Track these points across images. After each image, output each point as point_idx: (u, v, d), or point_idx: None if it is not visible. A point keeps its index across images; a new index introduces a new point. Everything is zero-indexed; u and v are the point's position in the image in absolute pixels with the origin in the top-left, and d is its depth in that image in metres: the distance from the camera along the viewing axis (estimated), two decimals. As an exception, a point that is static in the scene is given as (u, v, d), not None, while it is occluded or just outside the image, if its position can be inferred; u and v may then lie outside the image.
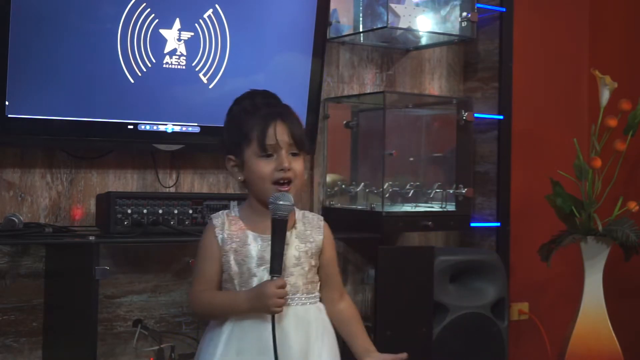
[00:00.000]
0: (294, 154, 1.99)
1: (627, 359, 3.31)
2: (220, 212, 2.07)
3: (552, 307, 3.74)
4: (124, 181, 2.92)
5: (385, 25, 3.11)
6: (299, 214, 2.07)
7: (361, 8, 3.27)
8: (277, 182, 1.97)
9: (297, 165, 1.99)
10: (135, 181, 2.94)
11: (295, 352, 1.95)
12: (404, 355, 2.03)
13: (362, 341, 2.09)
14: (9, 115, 2.55)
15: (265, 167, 1.97)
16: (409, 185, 3.21)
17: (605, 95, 3.36)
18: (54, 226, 2.67)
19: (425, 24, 3.24)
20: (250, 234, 2.00)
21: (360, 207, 3.20)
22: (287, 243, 1.97)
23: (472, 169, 3.44)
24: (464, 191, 3.21)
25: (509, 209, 3.55)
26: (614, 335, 3.30)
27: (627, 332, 3.43)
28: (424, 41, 3.43)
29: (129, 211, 2.63)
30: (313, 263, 2.04)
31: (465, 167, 3.30)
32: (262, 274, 1.97)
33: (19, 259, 2.72)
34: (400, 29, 3.19)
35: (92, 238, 2.47)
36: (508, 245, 3.54)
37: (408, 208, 3.17)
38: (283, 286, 1.91)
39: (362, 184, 3.22)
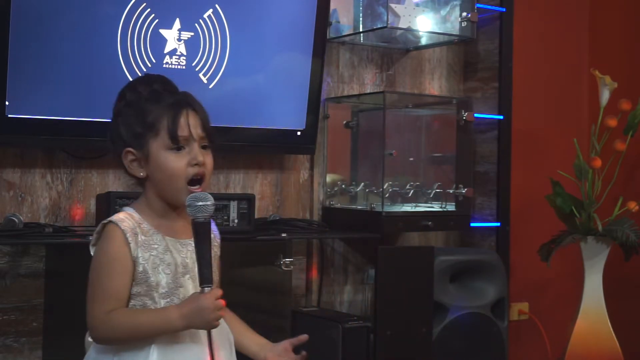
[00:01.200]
0: (204, 147, 1.79)
1: (627, 359, 3.31)
2: (122, 214, 1.78)
3: (552, 307, 3.73)
4: (124, 181, 2.92)
5: (385, 25, 3.11)
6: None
7: (361, 8, 3.27)
8: (190, 181, 1.76)
9: (209, 159, 1.80)
10: (135, 181, 2.93)
11: None
12: (304, 337, 1.88)
13: (252, 335, 1.93)
14: (9, 115, 2.55)
15: (176, 162, 1.75)
16: (409, 185, 3.21)
17: (605, 95, 3.36)
18: (54, 226, 2.67)
19: (425, 24, 3.24)
20: (168, 239, 1.78)
21: (360, 207, 3.20)
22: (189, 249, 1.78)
23: (472, 169, 3.44)
24: (464, 191, 3.22)
25: (509, 209, 3.55)
26: (614, 335, 3.30)
27: (627, 332, 3.43)
28: (424, 41, 3.43)
29: (129, 211, 2.63)
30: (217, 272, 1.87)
31: (465, 167, 3.30)
32: (187, 284, 1.78)
33: (19, 259, 2.72)
34: (400, 29, 3.19)
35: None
36: (508, 245, 3.54)
37: (408, 208, 3.17)
38: (220, 296, 1.71)
39: (362, 184, 3.22)
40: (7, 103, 2.54)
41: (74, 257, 2.58)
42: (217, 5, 2.86)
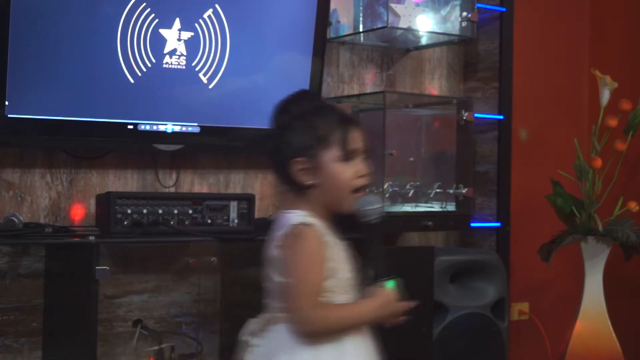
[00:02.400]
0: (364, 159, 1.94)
1: (627, 359, 3.31)
2: (308, 218, 1.88)
3: (552, 307, 3.73)
4: (124, 181, 2.92)
5: (385, 25, 3.11)
6: None
7: (361, 8, 3.27)
8: (354, 189, 1.90)
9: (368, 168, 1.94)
10: (135, 181, 2.94)
11: None
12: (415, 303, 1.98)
13: None
14: (9, 115, 2.55)
15: (346, 173, 1.88)
16: (409, 185, 3.21)
17: (605, 95, 3.36)
18: (54, 226, 2.67)
19: (425, 24, 3.24)
20: (336, 240, 1.91)
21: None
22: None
23: (472, 169, 3.44)
24: (464, 191, 3.21)
25: (509, 209, 3.55)
26: (614, 335, 3.30)
27: (627, 332, 3.43)
28: (424, 41, 3.43)
29: (129, 211, 2.63)
30: None
31: (465, 167, 3.30)
32: (351, 282, 1.91)
33: (19, 259, 2.72)
34: (400, 29, 3.19)
35: (92, 238, 2.47)
36: (508, 245, 3.54)
37: (408, 208, 3.17)
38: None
39: (362, 184, 3.21)
40: (7, 103, 2.54)
41: (74, 257, 2.58)
42: (217, 5, 2.86)
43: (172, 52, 2.80)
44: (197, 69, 2.85)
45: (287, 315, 1.85)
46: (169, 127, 2.83)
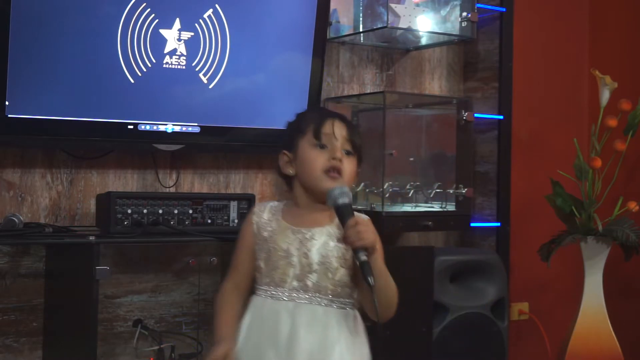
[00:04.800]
0: (347, 152, 1.99)
1: (627, 359, 3.31)
2: (273, 202, 2.10)
3: (552, 307, 3.73)
4: (124, 181, 2.92)
5: (385, 25, 3.11)
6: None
7: (361, 8, 3.27)
8: (327, 171, 1.96)
9: (349, 164, 1.99)
10: (135, 181, 2.94)
11: (302, 350, 1.91)
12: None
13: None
14: (9, 115, 2.55)
15: (318, 156, 1.97)
16: (409, 185, 3.21)
17: (605, 95, 3.36)
18: (54, 226, 2.67)
19: (425, 24, 3.24)
20: (284, 225, 2.00)
21: (360, 207, 3.20)
22: (314, 238, 1.96)
23: (472, 169, 3.44)
24: (464, 191, 3.21)
25: (509, 209, 3.55)
26: (614, 335, 3.30)
27: (627, 332, 3.43)
28: (424, 41, 3.43)
29: (129, 211, 2.63)
30: (345, 265, 1.97)
31: (465, 167, 3.30)
32: (285, 268, 1.96)
33: (19, 259, 2.72)
34: (400, 29, 3.19)
35: (92, 238, 2.47)
36: (508, 245, 3.54)
37: (408, 208, 3.17)
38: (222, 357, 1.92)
39: (362, 183, 3.22)
40: (7, 103, 2.54)
41: (74, 257, 2.58)
42: (217, 5, 2.86)
43: (172, 52, 2.80)
44: (197, 69, 2.85)
45: None
46: (169, 127, 2.84)
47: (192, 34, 2.83)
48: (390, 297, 1.93)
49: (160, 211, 2.68)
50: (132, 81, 2.74)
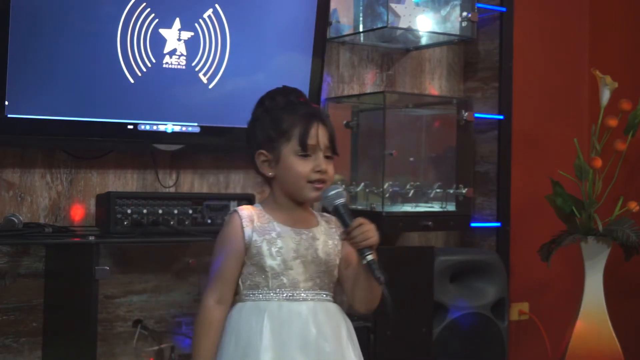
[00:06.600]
0: (327, 157, 1.99)
1: (627, 359, 3.31)
2: (244, 206, 2.03)
3: (552, 307, 3.73)
4: (124, 181, 2.92)
5: (385, 25, 3.11)
6: (317, 214, 2.07)
7: (361, 8, 3.27)
8: (311, 182, 1.96)
9: (331, 169, 1.99)
10: (135, 181, 2.94)
11: (329, 350, 1.92)
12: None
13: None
14: (9, 115, 2.55)
15: (303, 167, 1.95)
16: (409, 185, 3.21)
17: (605, 95, 3.35)
18: (54, 226, 2.67)
19: (425, 24, 3.24)
20: (284, 228, 1.97)
21: (360, 207, 3.20)
22: (316, 237, 1.98)
23: (472, 169, 3.44)
24: (464, 191, 3.22)
25: (509, 209, 3.55)
26: (614, 335, 3.29)
27: (628, 332, 3.43)
28: (424, 41, 3.43)
29: (129, 211, 2.63)
30: (337, 261, 2.02)
31: (465, 167, 3.30)
32: (297, 267, 1.95)
33: (19, 259, 2.72)
34: (401, 29, 3.19)
35: (92, 238, 2.47)
36: (508, 245, 3.54)
37: (408, 208, 3.17)
38: None
39: (362, 184, 3.22)
40: (7, 103, 2.54)
41: (74, 257, 2.58)
42: (217, 5, 2.86)
43: (172, 52, 2.80)
44: (197, 69, 2.85)
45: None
46: (169, 127, 2.84)
47: (192, 33, 2.83)
48: (378, 290, 1.98)
49: (160, 211, 2.68)
50: (132, 81, 2.74)
